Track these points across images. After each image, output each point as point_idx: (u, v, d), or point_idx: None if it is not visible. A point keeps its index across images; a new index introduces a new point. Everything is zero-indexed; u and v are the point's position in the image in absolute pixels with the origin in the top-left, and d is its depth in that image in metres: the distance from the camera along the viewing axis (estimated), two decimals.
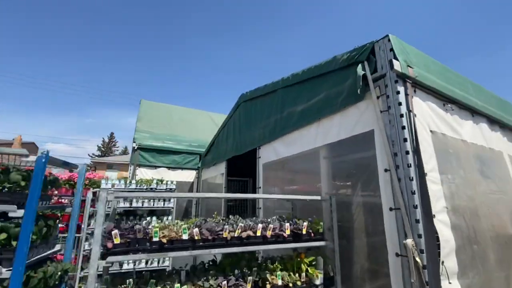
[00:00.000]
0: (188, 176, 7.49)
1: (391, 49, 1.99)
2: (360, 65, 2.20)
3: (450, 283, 1.65)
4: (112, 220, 1.97)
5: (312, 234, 2.12)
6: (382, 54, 2.06)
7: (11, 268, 1.39)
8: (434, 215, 1.73)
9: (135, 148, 6.76)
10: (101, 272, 1.69)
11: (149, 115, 9.07)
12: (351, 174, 2.38)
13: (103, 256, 1.48)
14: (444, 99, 2.30)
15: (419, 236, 1.64)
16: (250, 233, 1.90)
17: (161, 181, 6.06)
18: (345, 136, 2.37)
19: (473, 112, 2.57)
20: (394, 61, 1.92)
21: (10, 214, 1.62)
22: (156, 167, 6.99)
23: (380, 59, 2.07)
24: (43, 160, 1.54)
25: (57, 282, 1.79)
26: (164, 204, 6.17)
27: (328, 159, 2.66)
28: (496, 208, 2.28)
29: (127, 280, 1.71)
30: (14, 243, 1.39)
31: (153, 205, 5.25)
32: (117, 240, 1.54)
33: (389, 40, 2.02)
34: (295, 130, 3.10)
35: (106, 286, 1.70)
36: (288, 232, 2.04)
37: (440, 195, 1.84)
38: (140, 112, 9.06)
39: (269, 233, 1.95)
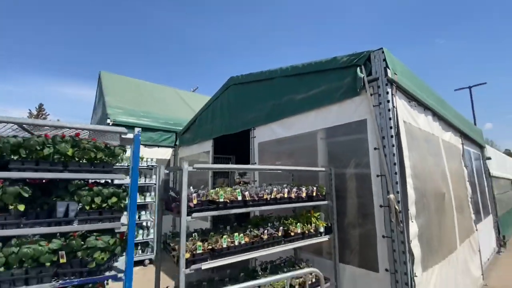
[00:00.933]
0: (164, 153, 7.56)
1: (384, 59, 2.69)
2: (358, 68, 2.87)
3: (412, 221, 2.54)
4: (166, 189, 2.32)
5: (320, 196, 2.83)
6: (377, 62, 2.75)
7: (126, 224, 1.69)
8: (406, 180, 2.58)
9: (110, 124, 6.50)
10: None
11: (116, 89, 8.56)
12: (345, 152, 3.12)
13: (188, 213, 1.90)
14: (411, 98, 3.16)
15: (397, 192, 2.46)
16: (281, 195, 2.49)
17: (141, 158, 6.12)
18: (342, 122, 3.07)
19: (425, 108, 3.54)
20: (388, 69, 2.63)
21: (117, 182, 1.84)
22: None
23: (375, 66, 2.76)
24: (139, 136, 1.80)
25: None
26: (145, 181, 6.29)
27: (325, 139, 3.36)
28: (435, 175, 3.33)
29: (193, 234, 2.15)
30: (122, 204, 1.68)
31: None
32: (195, 201, 1.97)
33: (383, 52, 2.70)
34: (295, 115, 3.69)
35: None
36: (304, 194, 2.69)
37: (408, 165, 2.69)
38: (104, 85, 8.46)
39: (293, 195, 2.57)
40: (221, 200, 2.10)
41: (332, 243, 2.87)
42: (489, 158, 7.03)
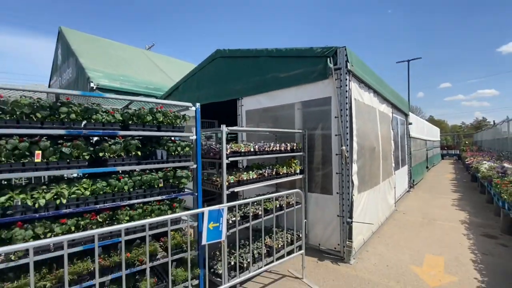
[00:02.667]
0: None
1: (346, 55, 3.89)
2: (328, 59, 4.03)
3: (354, 164, 4.05)
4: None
5: (297, 149, 4.15)
6: (341, 56, 3.94)
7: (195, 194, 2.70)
8: (353, 137, 4.01)
9: (94, 88, 6.69)
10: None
11: (85, 49, 8.31)
12: (315, 119, 4.42)
13: (226, 158, 3.00)
14: (360, 81, 4.51)
15: (347, 145, 3.89)
16: (275, 148, 3.72)
17: None
18: (314, 97, 4.31)
19: (369, 87, 4.97)
20: (348, 63, 3.85)
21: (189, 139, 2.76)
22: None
23: (340, 58, 3.96)
24: (199, 109, 2.72)
25: None
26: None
27: (301, 110, 4.59)
28: (371, 135, 4.92)
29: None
30: (191, 152, 2.66)
31: None
32: (228, 151, 3.06)
33: (345, 49, 3.89)
34: (278, 89, 4.79)
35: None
36: (289, 147, 3.97)
37: (355, 128, 4.12)
38: (73, 45, 8.13)
39: (283, 148, 3.83)
40: (242, 150, 3.23)
41: (303, 179, 4.31)
42: (411, 123, 9.30)
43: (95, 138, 2.46)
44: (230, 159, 3.05)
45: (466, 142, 28.63)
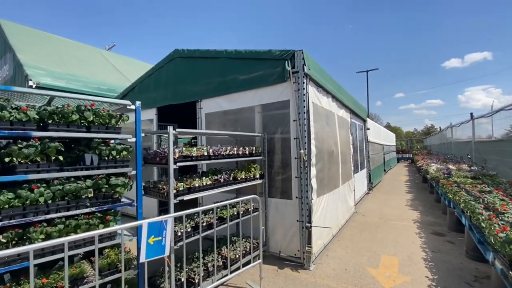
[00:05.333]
0: None
1: (303, 58, 3.88)
2: (286, 62, 3.99)
3: (312, 167, 4.02)
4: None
5: (257, 153, 4.01)
6: (298, 59, 3.92)
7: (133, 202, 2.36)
8: (311, 141, 3.99)
9: (33, 87, 5.91)
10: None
11: (27, 45, 7.40)
12: (274, 122, 4.33)
13: (174, 163, 2.73)
14: (318, 85, 4.55)
15: (305, 149, 3.85)
16: (232, 152, 3.53)
17: None
18: (274, 100, 4.23)
19: (327, 92, 5.05)
20: (305, 66, 3.84)
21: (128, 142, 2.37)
22: None
23: (297, 62, 3.93)
24: (140, 108, 2.40)
25: None
26: None
27: (261, 113, 4.48)
28: (329, 139, 4.98)
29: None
30: (129, 156, 2.32)
31: None
32: (177, 155, 2.80)
33: (302, 52, 3.88)
34: (238, 92, 4.64)
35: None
36: (247, 152, 3.81)
37: (313, 131, 4.11)
38: (11, 39, 7.19)
39: (240, 152, 3.65)
40: (194, 154, 2.98)
41: (263, 184, 4.17)
42: (368, 129, 9.80)
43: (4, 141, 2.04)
44: (179, 164, 2.78)
45: (418, 147, 31.40)
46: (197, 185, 2.99)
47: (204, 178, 3.10)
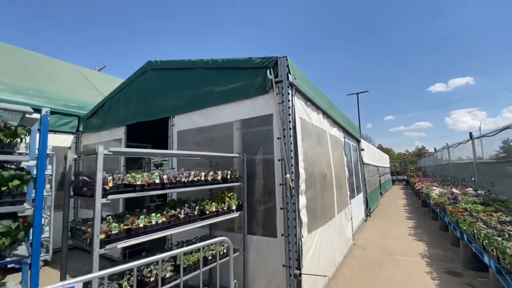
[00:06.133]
0: (64, 140, 6.53)
1: (287, 66, 3.28)
2: (268, 70, 3.39)
3: (301, 196, 3.26)
4: (72, 175, 2.24)
5: (234, 178, 3.24)
6: (282, 67, 3.32)
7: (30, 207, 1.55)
8: (298, 163, 3.27)
9: None
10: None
11: None
12: (255, 141, 3.63)
13: (103, 196, 1.94)
14: (306, 99, 3.93)
15: (292, 173, 3.12)
16: (199, 177, 2.76)
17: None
18: (254, 115, 3.56)
19: (317, 108, 4.43)
20: (289, 74, 3.23)
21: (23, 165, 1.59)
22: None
23: (281, 70, 3.33)
24: (48, 117, 1.65)
25: None
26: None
27: (240, 130, 3.79)
28: (321, 160, 4.27)
29: (107, 217, 2.18)
30: (25, 187, 1.54)
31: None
32: (110, 184, 2.02)
33: (287, 59, 3.29)
34: (214, 106, 3.97)
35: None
36: (219, 177, 3.05)
37: (301, 151, 3.40)
38: None
39: (209, 178, 2.88)
40: (139, 183, 2.21)
41: (242, 218, 3.36)
42: (363, 150, 9.21)
43: None
44: (112, 197, 2.00)
45: (412, 168, 31.02)
46: (142, 225, 2.18)
47: (153, 215, 2.30)
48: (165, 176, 2.42)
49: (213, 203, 3.00)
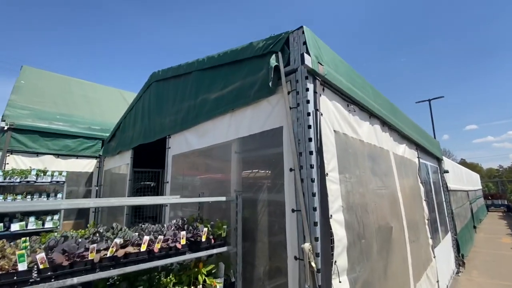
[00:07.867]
0: (86, 165, 6.25)
1: (304, 43, 1.87)
2: (274, 56, 2.03)
3: (340, 281, 1.69)
4: None
5: (213, 240, 1.89)
6: (296, 46, 1.92)
7: None
8: (331, 216, 1.73)
9: (5, 128, 5.12)
10: None
11: (33, 87, 7.09)
12: (260, 171, 2.24)
13: None
14: (348, 100, 2.39)
15: (316, 239, 1.60)
16: (131, 249, 1.51)
17: (44, 172, 4.84)
18: (256, 131, 2.20)
19: (370, 114, 2.80)
20: (306, 55, 1.80)
21: None
22: (38, 154, 5.51)
23: (294, 52, 1.94)
24: None
25: None
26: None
27: (239, 154, 2.46)
28: (380, 202, 2.56)
29: None
30: None
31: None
32: None
33: (303, 32, 1.88)
34: (208, 119, 2.78)
35: None
36: (183, 241, 1.73)
37: (338, 194, 1.87)
38: (19, 82, 6.97)
39: (157, 247, 1.60)
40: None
41: None
42: (447, 172, 6.68)
43: None
44: None
45: None
46: None
47: None
48: (39, 256, 1.24)
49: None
